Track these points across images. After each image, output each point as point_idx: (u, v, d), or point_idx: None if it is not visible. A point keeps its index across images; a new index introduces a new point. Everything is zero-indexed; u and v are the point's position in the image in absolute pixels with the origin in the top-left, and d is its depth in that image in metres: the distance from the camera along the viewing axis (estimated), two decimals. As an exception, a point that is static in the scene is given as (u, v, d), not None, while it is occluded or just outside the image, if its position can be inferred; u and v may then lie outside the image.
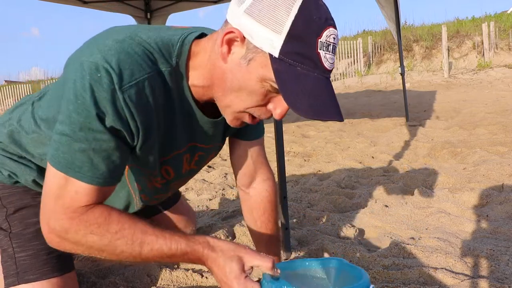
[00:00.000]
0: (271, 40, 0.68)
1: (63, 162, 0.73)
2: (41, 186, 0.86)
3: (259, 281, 0.76)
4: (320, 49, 0.69)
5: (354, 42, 12.43)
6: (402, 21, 15.15)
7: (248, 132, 1.04)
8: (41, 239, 0.83)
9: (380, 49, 12.56)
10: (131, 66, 0.71)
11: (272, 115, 0.78)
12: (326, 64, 0.70)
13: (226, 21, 0.75)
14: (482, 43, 11.00)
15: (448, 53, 10.79)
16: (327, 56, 0.70)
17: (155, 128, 0.79)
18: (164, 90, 0.77)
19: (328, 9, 0.72)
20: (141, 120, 0.75)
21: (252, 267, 0.75)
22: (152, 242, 0.74)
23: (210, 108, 0.86)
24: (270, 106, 0.77)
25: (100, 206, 0.76)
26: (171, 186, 1.03)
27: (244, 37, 0.71)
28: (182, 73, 0.79)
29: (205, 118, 0.87)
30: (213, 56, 0.76)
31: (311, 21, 0.68)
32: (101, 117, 0.70)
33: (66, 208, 0.74)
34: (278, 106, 0.76)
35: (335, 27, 0.71)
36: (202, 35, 0.82)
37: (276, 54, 0.68)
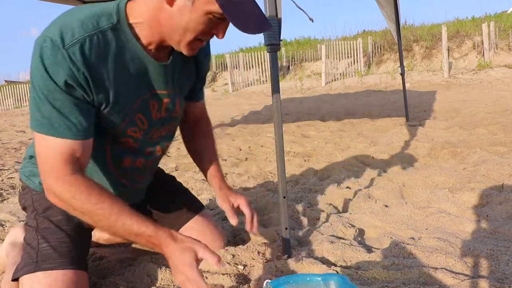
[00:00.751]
0: None
1: (38, 125, 0.88)
2: None
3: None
4: None
5: (354, 42, 12.43)
6: (402, 21, 15.10)
7: (196, 95, 1.28)
8: (63, 233, 1.06)
9: (380, 49, 12.55)
10: (71, 31, 0.85)
11: (211, 37, 0.96)
12: None
13: None
14: (482, 43, 11.00)
15: (448, 53, 10.80)
16: None
17: (106, 78, 0.92)
18: (110, 44, 0.91)
19: None
20: (89, 72, 0.88)
21: (201, 259, 0.89)
22: (125, 220, 0.89)
23: (159, 53, 1.02)
24: (214, 31, 0.94)
25: (83, 176, 0.92)
26: (148, 140, 1.12)
27: None
28: (124, 27, 0.94)
29: (156, 62, 1.01)
30: (156, 4, 0.91)
31: None
32: (53, 78, 0.85)
33: (52, 167, 0.89)
34: (221, 29, 0.94)
35: None
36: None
37: None
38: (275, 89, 1.32)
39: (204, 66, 1.22)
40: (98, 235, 1.32)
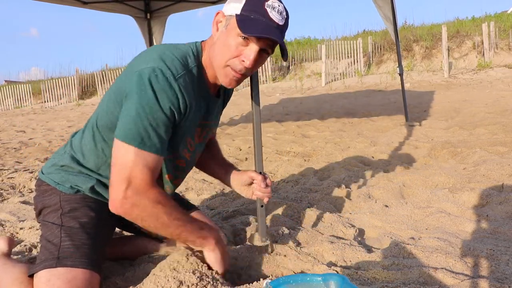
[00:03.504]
0: (236, 7, 1.06)
1: (130, 136, 0.99)
2: (97, 193, 1.20)
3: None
4: (267, 7, 1.05)
5: (354, 42, 12.43)
6: (402, 21, 15.10)
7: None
8: (86, 234, 1.12)
9: (380, 49, 12.55)
10: (176, 66, 1.05)
11: (244, 67, 1.09)
12: (273, 17, 1.05)
13: None
14: (482, 43, 11.00)
15: (448, 53, 10.79)
16: (273, 13, 1.05)
17: (189, 107, 1.09)
18: (194, 81, 1.10)
19: None
20: (188, 101, 1.07)
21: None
22: (187, 234, 1.09)
23: (214, 90, 1.23)
24: (241, 57, 1.08)
25: (160, 190, 1.05)
26: (191, 162, 1.32)
27: (224, 14, 1.09)
28: (200, 67, 1.14)
29: (213, 98, 1.23)
30: (210, 45, 1.12)
31: None
32: (160, 102, 1.00)
33: (137, 179, 1.00)
34: (246, 55, 1.07)
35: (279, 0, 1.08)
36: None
37: (238, 12, 1.05)
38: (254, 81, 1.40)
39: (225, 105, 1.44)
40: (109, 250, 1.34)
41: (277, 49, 1.14)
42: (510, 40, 10.89)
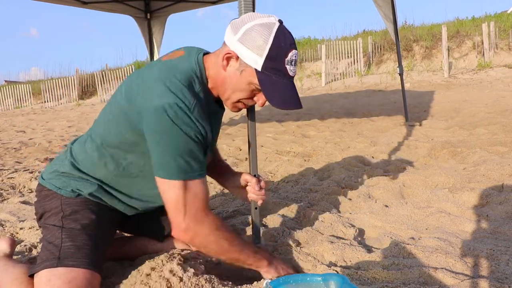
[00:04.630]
0: (255, 60, 1.08)
1: (176, 172, 1.04)
2: (98, 197, 1.21)
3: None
4: (286, 65, 1.10)
5: (354, 42, 12.43)
6: (402, 20, 15.09)
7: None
8: (87, 236, 1.13)
9: (380, 49, 12.55)
10: (187, 97, 1.06)
11: (255, 103, 1.20)
12: (291, 73, 1.12)
13: (224, 43, 1.14)
14: (482, 43, 11.00)
15: (448, 53, 10.79)
16: (291, 68, 1.11)
17: (206, 132, 1.12)
18: (204, 104, 1.13)
19: (292, 35, 1.12)
20: (205, 127, 1.10)
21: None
22: (244, 258, 1.14)
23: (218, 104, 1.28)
24: (255, 98, 1.18)
25: (214, 214, 1.12)
26: None
27: (238, 56, 1.10)
28: (207, 88, 1.17)
29: (217, 111, 1.26)
30: (216, 69, 1.15)
31: (280, 47, 1.08)
32: (186, 133, 1.04)
33: (197, 209, 1.06)
34: (260, 99, 1.16)
35: (296, 48, 1.11)
36: (204, 53, 1.19)
37: (259, 69, 1.09)
38: None
39: None
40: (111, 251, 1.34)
41: None
42: (510, 40, 10.89)
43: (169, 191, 1.06)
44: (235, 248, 1.12)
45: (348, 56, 12.42)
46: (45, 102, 15.13)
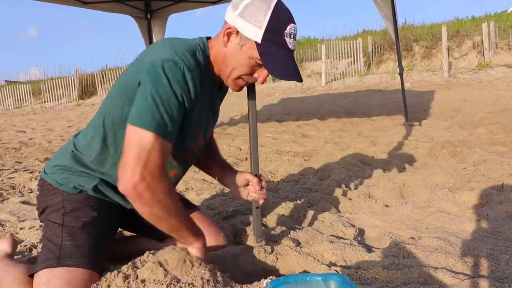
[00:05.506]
0: (255, 33, 1.10)
1: (147, 122, 1.00)
2: (101, 192, 1.21)
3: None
4: (286, 37, 1.11)
5: (354, 42, 12.43)
6: (402, 20, 15.08)
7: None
8: (88, 234, 1.12)
9: (380, 48, 12.55)
10: (188, 58, 1.08)
11: (256, 80, 1.20)
12: (290, 46, 1.13)
13: (225, 22, 1.15)
14: (482, 42, 10.99)
15: (448, 53, 10.79)
16: (290, 41, 1.13)
17: (199, 98, 1.13)
18: (203, 74, 1.14)
19: (290, 11, 1.15)
20: (198, 90, 1.10)
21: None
22: (183, 229, 1.11)
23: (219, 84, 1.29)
24: (255, 74, 1.18)
25: (168, 178, 1.07)
26: (194, 158, 1.33)
27: (238, 31, 1.12)
28: (209, 62, 1.19)
29: (218, 89, 1.28)
30: (218, 47, 1.17)
31: (280, 19, 1.10)
32: (173, 88, 1.03)
33: (153, 164, 1.00)
34: (261, 74, 1.17)
35: (294, 23, 1.14)
36: (208, 38, 1.23)
37: (259, 41, 1.10)
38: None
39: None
40: (113, 249, 1.34)
41: None
42: (510, 40, 10.89)
43: (136, 138, 1.00)
44: (179, 216, 1.08)
45: (348, 56, 12.42)
46: (45, 102, 15.13)
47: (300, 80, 1.15)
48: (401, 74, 4.69)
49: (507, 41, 10.93)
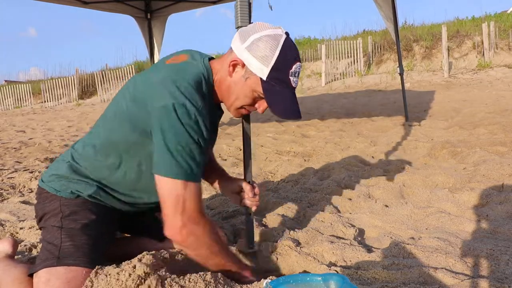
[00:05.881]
0: (261, 69, 1.12)
1: (175, 171, 1.04)
2: (96, 198, 1.22)
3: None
4: (290, 76, 1.14)
5: (354, 42, 12.42)
6: (402, 20, 15.05)
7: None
8: (87, 236, 1.14)
9: (380, 49, 12.55)
10: (195, 98, 1.08)
11: (256, 109, 1.22)
12: (293, 84, 1.16)
13: (231, 49, 1.18)
14: (482, 43, 10.99)
15: (448, 53, 10.79)
16: (294, 79, 1.15)
17: (209, 133, 1.14)
18: (208, 107, 1.14)
19: (296, 48, 1.16)
20: (209, 127, 1.11)
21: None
22: (228, 265, 1.15)
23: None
24: (256, 105, 1.21)
25: (209, 218, 1.15)
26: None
27: (244, 64, 1.14)
28: (212, 90, 1.21)
29: (218, 112, 1.32)
30: (222, 74, 1.19)
31: (286, 59, 1.12)
32: (191, 136, 1.05)
33: (194, 210, 1.06)
34: (262, 106, 1.20)
35: (300, 61, 1.16)
36: (209, 59, 1.24)
37: (264, 78, 1.12)
38: None
39: None
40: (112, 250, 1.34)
41: None
42: (510, 40, 10.89)
43: (169, 189, 1.05)
44: (223, 253, 1.14)
45: (348, 56, 12.41)
46: (45, 102, 15.12)
47: (299, 117, 1.17)
48: (401, 74, 4.69)
49: (507, 41, 10.93)
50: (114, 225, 1.32)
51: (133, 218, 1.39)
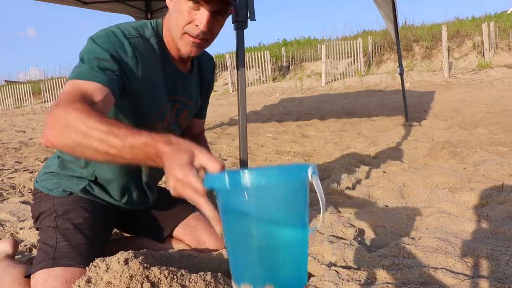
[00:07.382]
0: None
1: (75, 75, 0.96)
2: (90, 193, 1.21)
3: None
4: None
5: (354, 42, 12.43)
6: (402, 20, 15.07)
7: (199, 113, 1.48)
8: (82, 235, 1.12)
9: (380, 49, 12.55)
10: (129, 30, 1.07)
11: (199, 32, 1.07)
12: None
13: None
14: (482, 43, 11.00)
15: (448, 53, 10.79)
16: None
17: (149, 70, 1.10)
18: (151, 49, 1.12)
19: None
20: (141, 61, 1.07)
21: (201, 166, 0.68)
22: (119, 134, 0.76)
23: (183, 66, 1.24)
24: (195, 22, 1.06)
25: (88, 104, 0.88)
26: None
27: None
28: (160, 38, 1.15)
29: (180, 72, 1.22)
30: (167, 16, 1.13)
31: None
32: (101, 46, 1.00)
33: (66, 99, 0.89)
34: (199, 19, 1.05)
35: None
36: None
37: None
38: (241, 65, 1.45)
39: (211, 87, 1.43)
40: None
41: (277, 50, 1.14)
42: (510, 40, 10.89)
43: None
44: (111, 126, 0.77)
45: (348, 56, 12.42)
46: (45, 102, 15.13)
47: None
48: (401, 74, 4.69)
49: (507, 41, 10.93)
50: (110, 223, 1.31)
51: (133, 218, 1.39)
